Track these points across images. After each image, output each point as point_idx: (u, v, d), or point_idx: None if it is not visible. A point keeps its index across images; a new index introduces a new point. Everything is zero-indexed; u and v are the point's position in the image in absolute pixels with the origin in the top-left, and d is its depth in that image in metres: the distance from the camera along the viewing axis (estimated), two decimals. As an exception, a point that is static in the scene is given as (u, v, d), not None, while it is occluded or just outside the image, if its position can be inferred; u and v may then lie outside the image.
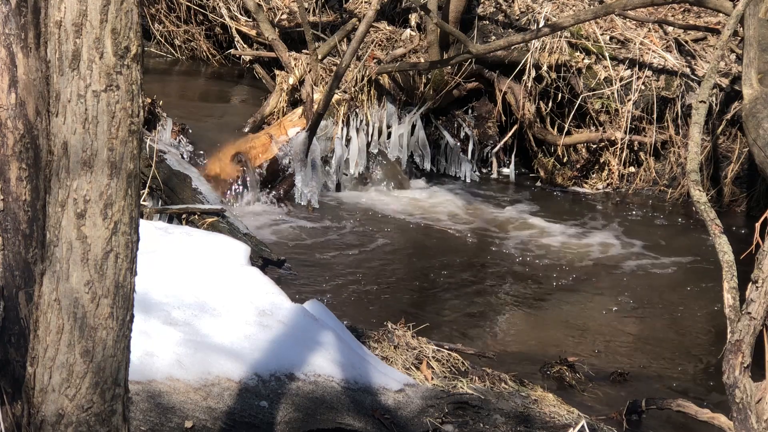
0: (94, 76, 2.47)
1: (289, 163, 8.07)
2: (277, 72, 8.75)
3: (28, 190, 2.95)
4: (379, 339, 4.92)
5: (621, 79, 8.74)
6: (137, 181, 2.56)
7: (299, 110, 8.27)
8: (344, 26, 8.94)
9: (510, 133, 9.14)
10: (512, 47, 8.55)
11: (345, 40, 8.77)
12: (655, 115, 8.68)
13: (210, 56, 10.36)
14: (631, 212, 8.58)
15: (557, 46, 8.76)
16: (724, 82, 8.55)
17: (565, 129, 8.82)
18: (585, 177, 9.04)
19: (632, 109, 8.68)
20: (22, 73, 2.94)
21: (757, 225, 4.18)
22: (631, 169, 8.91)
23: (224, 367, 4.04)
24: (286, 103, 8.54)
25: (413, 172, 8.95)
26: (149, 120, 7.69)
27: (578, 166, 8.99)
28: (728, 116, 8.53)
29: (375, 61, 8.83)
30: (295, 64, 8.56)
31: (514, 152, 9.23)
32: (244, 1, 9.54)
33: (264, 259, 6.35)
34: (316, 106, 8.06)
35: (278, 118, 8.44)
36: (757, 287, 3.92)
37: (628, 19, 9.06)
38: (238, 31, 9.88)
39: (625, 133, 8.70)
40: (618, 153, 8.80)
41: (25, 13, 2.92)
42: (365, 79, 8.54)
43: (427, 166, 9.01)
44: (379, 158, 8.65)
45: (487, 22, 9.24)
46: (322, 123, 8.17)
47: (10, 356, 2.96)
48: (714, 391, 5.58)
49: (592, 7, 8.68)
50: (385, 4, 9.44)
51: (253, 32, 9.72)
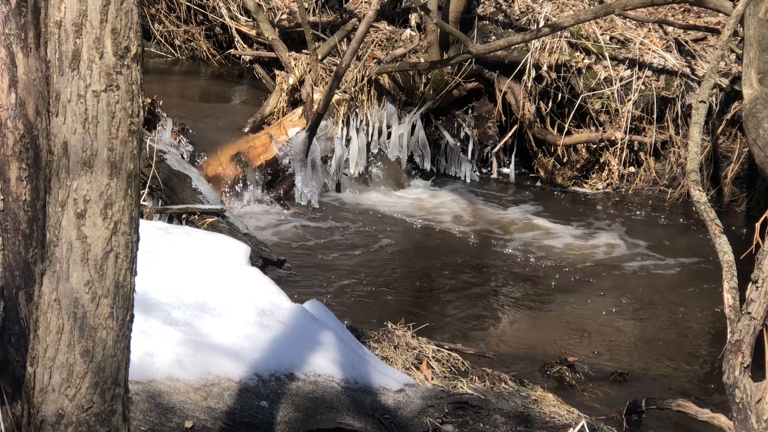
0: (94, 76, 2.47)
1: (289, 163, 8.07)
2: (277, 72, 8.75)
3: (28, 190, 2.95)
4: (379, 339, 4.92)
5: (621, 79, 8.74)
6: (137, 181, 2.56)
7: (299, 110, 8.27)
8: (344, 26, 8.94)
9: (510, 133, 9.14)
10: (512, 47, 8.55)
11: (345, 40, 8.77)
12: (655, 115, 8.68)
13: (210, 56, 10.36)
14: (631, 212, 8.58)
15: (557, 46, 8.76)
16: (724, 82, 8.54)
17: (565, 129, 8.82)
18: (585, 177, 9.03)
19: (632, 109, 8.68)
20: (22, 73, 2.94)
21: (757, 225, 4.18)
22: (631, 169, 8.91)
23: (224, 367, 4.04)
24: (286, 103, 8.53)
25: (413, 172, 8.95)
26: (149, 120, 7.69)
27: (578, 166, 8.98)
28: (728, 116, 8.52)
29: (375, 61, 8.83)
30: (295, 64, 8.56)
31: (514, 152, 9.23)
32: (244, 1, 9.54)
33: (264, 259, 6.35)
34: (316, 106, 8.06)
35: (278, 118, 8.44)
36: (757, 287, 3.92)
37: (628, 19, 9.06)
38: (238, 31, 9.88)
39: (625, 133, 8.70)
40: (618, 153, 8.80)
41: (25, 13, 2.92)
42: (365, 79, 8.54)
43: (427, 166, 9.00)
44: (379, 158, 8.65)
45: (487, 22, 9.24)
46: (322, 123, 8.17)
47: (10, 356, 2.96)
48: (714, 391, 5.58)
49: (592, 7, 8.68)
50: (385, 4, 9.44)
51: (253, 32, 9.72)
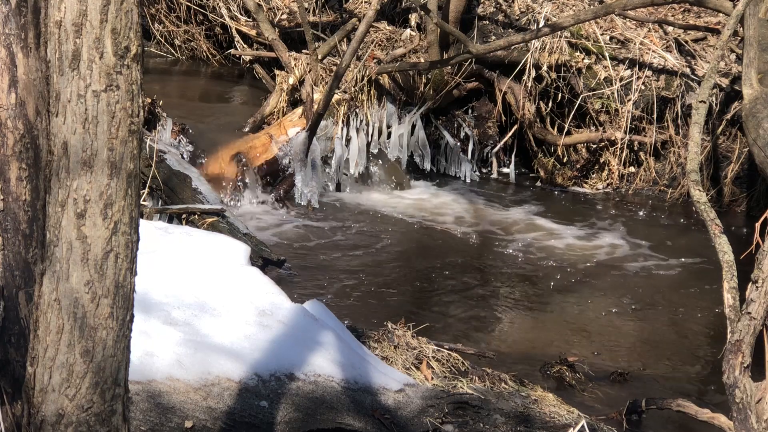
0: (94, 76, 2.47)
1: (289, 163, 8.07)
2: (277, 72, 8.75)
3: (28, 190, 2.95)
4: (379, 339, 4.92)
5: (621, 79, 8.74)
6: (137, 181, 2.56)
7: (299, 110, 8.27)
8: (344, 26, 8.94)
9: (510, 133, 9.14)
10: (512, 47, 8.55)
11: (345, 40, 8.77)
12: (655, 115, 8.67)
13: (210, 56, 10.36)
14: (632, 212, 8.57)
15: (557, 46, 8.76)
16: (724, 82, 8.54)
17: (565, 129, 8.82)
18: (585, 177, 9.03)
19: (632, 109, 8.68)
20: (22, 73, 2.94)
21: (757, 225, 4.18)
22: (631, 169, 8.91)
23: (224, 367, 4.04)
24: (286, 103, 8.53)
25: (413, 172, 8.95)
26: (149, 120, 7.69)
27: (578, 166, 8.98)
28: (728, 116, 8.52)
29: (375, 61, 8.83)
30: (295, 64, 8.56)
31: (514, 152, 9.22)
32: (244, 1, 9.54)
33: (264, 259, 6.35)
34: (316, 106, 8.06)
35: (278, 118, 8.44)
36: (757, 287, 3.92)
37: (628, 19, 9.06)
38: (238, 31, 9.88)
39: (625, 133, 8.70)
40: (618, 153, 8.80)
41: (25, 13, 2.92)
42: (365, 79, 8.53)
43: (427, 166, 9.00)
44: (379, 158, 8.65)
45: (487, 22, 9.24)
46: (322, 123, 8.16)
47: (10, 356, 2.96)
48: (714, 391, 5.58)
49: (592, 7, 8.68)
50: (385, 4, 9.44)
51: (253, 32, 9.72)
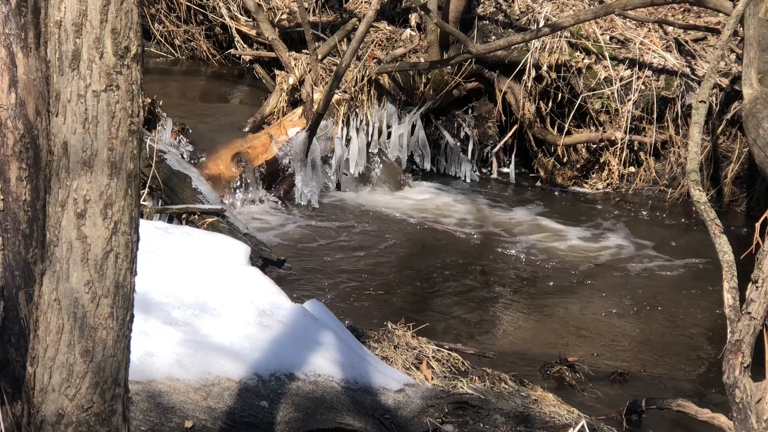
0: (94, 76, 2.47)
1: (289, 163, 8.07)
2: (277, 72, 8.75)
3: (28, 190, 2.95)
4: (379, 339, 4.92)
5: (621, 79, 8.74)
6: (137, 181, 2.56)
7: (299, 110, 8.27)
8: (344, 26, 8.93)
9: (510, 133, 9.14)
10: (512, 47, 8.55)
11: (345, 40, 8.77)
12: (655, 115, 8.67)
13: (210, 56, 10.36)
14: (632, 212, 8.57)
15: (557, 46, 8.76)
16: (724, 82, 8.54)
17: (565, 129, 8.82)
18: (585, 177, 9.03)
19: (632, 109, 8.68)
20: (22, 73, 2.94)
21: (757, 225, 4.18)
22: (631, 169, 8.91)
23: (224, 367, 4.04)
24: (286, 103, 8.53)
25: (413, 172, 8.95)
26: (149, 120, 7.69)
27: (578, 166, 8.98)
28: (728, 116, 8.52)
29: (375, 61, 8.83)
30: (295, 64, 8.56)
31: (514, 152, 9.22)
32: (244, 1, 9.54)
33: (264, 259, 6.35)
34: (316, 106, 8.06)
35: (278, 118, 8.44)
36: (757, 287, 3.92)
37: (628, 19, 9.06)
38: (238, 31, 9.88)
39: (625, 133, 8.70)
40: (618, 153, 8.80)
41: (25, 13, 2.92)
42: (365, 79, 8.54)
43: (427, 166, 9.00)
44: (379, 158, 8.65)
45: (487, 22, 9.24)
46: (322, 123, 8.16)
47: (10, 356, 2.96)
48: (714, 391, 5.58)
49: (592, 7, 8.68)
50: (385, 4, 9.44)
51: (253, 32, 9.72)
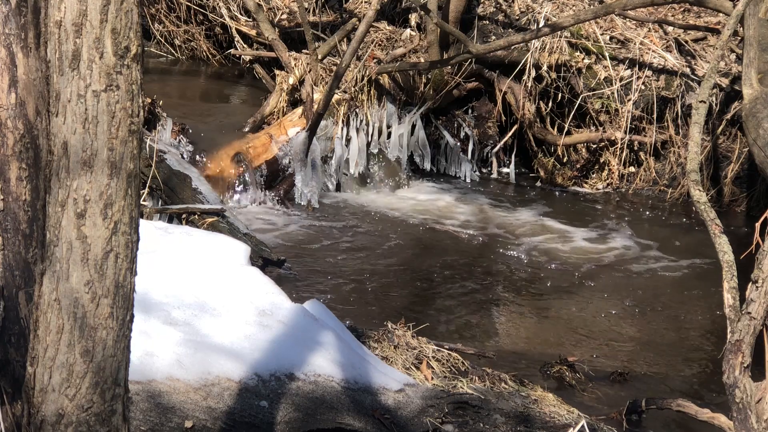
0: (94, 76, 2.47)
1: (289, 163, 8.07)
2: (277, 72, 8.75)
3: (28, 190, 2.95)
4: (379, 339, 4.92)
5: (621, 79, 8.74)
6: (137, 181, 2.56)
7: (299, 110, 8.27)
8: (344, 26, 8.94)
9: (510, 133, 9.14)
10: (512, 47, 8.55)
11: (345, 40, 8.77)
12: (655, 115, 8.68)
13: (210, 56, 10.36)
14: (632, 212, 8.57)
15: (557, 46, 8.76)
16: (724, 82, 8.54)
17: (565, 129, 8.82)
18: (585, 177, 9.03)
19: (632, 109, 8.68)
20: (22, 73, 2.94)
21: (757, 225, 4.18)
22: (631, 169, 8.91)
23: (224, 367, 4.04)
24: (286, 103, 8.53)
25: (413, 172, 8.95)
26: (149, 120, 7.69)
27: (578, 166, 8.98)
28: (728, 116, 8.52)
29: (375, 61, 8.83)
30: (295, 64, 8.56)
31: (514, 152, 9.23)
32: (244, 1, 9.54)
33: (264, 259, 6.35)
34: (316, 106, 8.06)
35: (278, 118, 8.44)
36: (757, 287, 3.92)
37: (628, 19, 9.06)
38: (238, 31, 9.88)
39: (625, 133, 8.70)
40: (618, 153, 8.80)
41: (25, 13, 2.92)
42: (365, 79, 8.54)
43: (427, 166, 9.00)
44: (379, 158, 8.65)
45: (487, 22, 9.24)
46: (322, 123, 8.17)
47: (10, 356, 2.96)
48: (714, 391, 5.57)
49: (592, 7, 8.68)
50: (385, 4, 9.44)
51: (253, 32, 9.72)
